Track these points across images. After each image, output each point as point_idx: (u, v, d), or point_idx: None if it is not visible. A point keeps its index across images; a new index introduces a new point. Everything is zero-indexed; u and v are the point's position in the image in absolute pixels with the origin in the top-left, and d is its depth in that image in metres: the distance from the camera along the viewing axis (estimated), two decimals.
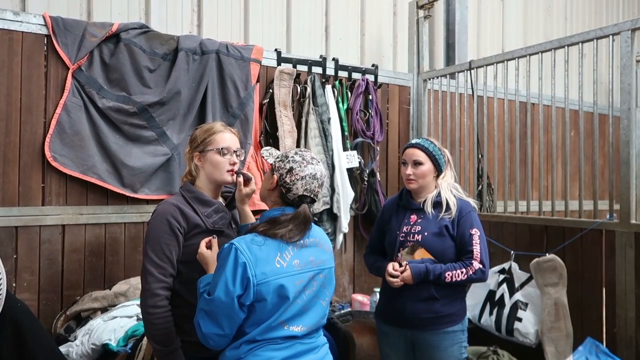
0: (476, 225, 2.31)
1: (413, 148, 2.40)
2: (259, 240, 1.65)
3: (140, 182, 2.91)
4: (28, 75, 2.68)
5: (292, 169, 1.74)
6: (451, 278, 2.24)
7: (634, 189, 2.72)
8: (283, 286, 1.63)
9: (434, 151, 2.38)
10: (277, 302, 1.63)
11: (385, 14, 4.57)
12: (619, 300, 2.69)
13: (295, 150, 1.82)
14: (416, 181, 2.37)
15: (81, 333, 2.52)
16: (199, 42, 3.10)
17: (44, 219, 2.69)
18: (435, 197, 2.37)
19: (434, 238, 2.31)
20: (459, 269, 2.25)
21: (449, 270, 2.25)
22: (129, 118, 2.85)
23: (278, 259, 1.66)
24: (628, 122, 2.73)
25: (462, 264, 2.26)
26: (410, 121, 4.08)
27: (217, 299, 1.58)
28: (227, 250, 1.64)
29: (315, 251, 1.77)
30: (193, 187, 1.97)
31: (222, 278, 1.60)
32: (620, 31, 2.76)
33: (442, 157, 2.40)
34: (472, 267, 2.25)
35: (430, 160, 2.37)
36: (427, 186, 2.40)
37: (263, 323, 1.63)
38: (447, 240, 2.31)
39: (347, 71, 3.71)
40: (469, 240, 2.28)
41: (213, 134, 1.98)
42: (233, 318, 1.61)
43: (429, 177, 2.38)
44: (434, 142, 2.43)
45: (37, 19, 2.70)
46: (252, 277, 1.60)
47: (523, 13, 5.55)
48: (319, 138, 3.43)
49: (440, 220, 2.33)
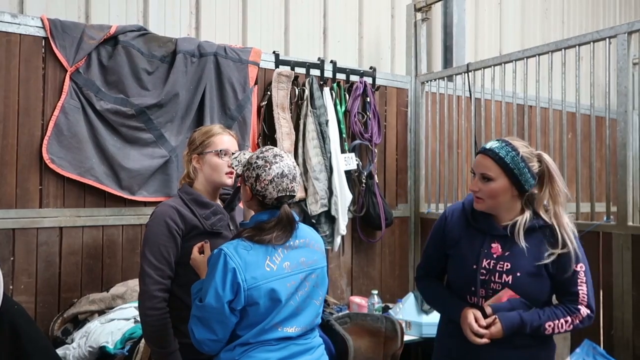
0: (582, 258, 1.76)
1: (482, 155, 1.77)
2: (247, 245, 1.65)
3: (138, 185, 2.90)
4: (26, 78, 2.68)
5: (259, 176, 1.68)
6: (553, 329, 1.73)
7: (631, 191, 2.73)
8: (274, 289, 1.63)
9: (512, 162, 1.72)
10: (269, 305, 1.63)
11: (383, 16, 4.58)
12: (616, 302, 2.69)
13: (256, 154, 1.74)
14: (484, 201, 1.77)
15: (78, 335, 2.52)
16: (197, 44, 3.10)
17: (42, 221, 2.69)
18: (530, 222, 1.75)
19: (529, 280, 1.74)
20: (563, 318, 1.73)
21: (550, 320, 1.72)
22: (127, 120, 2.85)
23: (268, 263, 1.65)
24: (625, 125, 2.74)
25: (566, 310, 1.74)
26: (408, 123, 4.09)
27: (208, 305, 1.59)
28: (216, 256, 1.63)
29: (306, 252, 1.76)
30: (191, 189, 1.97)
31: (212, 284, 1.59)
32: (617, 34, 2.77)
33: (525, 171, 1.72)
34: (579, 316, 1.74)
35: (504, 175, 1.73)
36: (505, 208, 1.78)
37: (256, 326, 1.63)
38: (545, 282, 1.76)
39: (345, 73, 3.71)
40: (573, 279, 1.74)
41: (212, 136, 1.98)
42: (225, 323, 1.61)
43: (502, 197, 1.75)
44: (517, 145, 1.75)
45: (35, 21, 2.70)
46: (242, 282, 1.59)
47: (520, 16, 5.56)
48: (317, 140, 3.43)
49: (538, 254, 1.74)
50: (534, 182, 1.76)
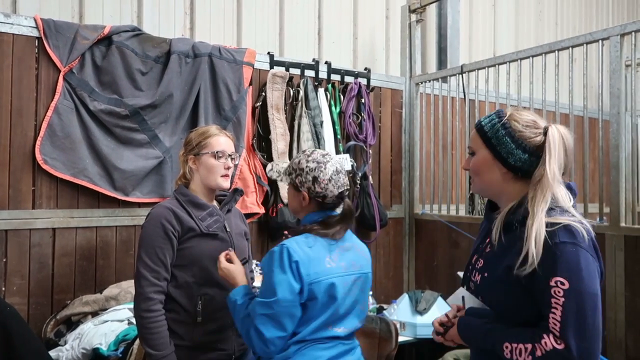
0: (563, 270, 1.27)
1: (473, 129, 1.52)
2: (310, 242, 1.69)
3: (132, 186, 2.89)
4: (19, 78, 2.66)
5: (317, 178, 1.74)
6: (510, 354, 1.31)
7: (624, 192, 2.75)
8: (333, 285, 1.67)
9: (490, 130, 1.43)
10: (326, 302, 1.67)
11: (377, 17, 4.59)
12: (609, 303, 2.70)
13: (302, 159, 1.79)
14: (474, 180, 1.52)
15: (71, 337, 2.50)
16: (192, 45, 3.09)
17: (34, 222, 2.67)
18: (510, 213, 1.40)
19: (494, 284, 1.40)
20: (523, 343, 1.30)
21: (509, 341, 1.32)
22: (121, 121, 2.84)
23: (328, 260, 1.70)
24: (617, 126, 2.76)
25: (530, 336, 1.30)
26: (403, 124, 4.09)
27: (283, 299, 1.61)
28: (278, 252, 1.66)
29: (355, 255, 1.81)
30: (187, 190, 1.97)
31: (282, 278, 1.62)
32: (610, 36, 2.79)
33: (505, 140, 1.40)
34: (541, 346, 1.27)
35: (485, 146, 1.44)
36: (498, 191, 1.46)
37: (312, 322, 1.67)
38: (511, 292, 1.35)
39: (340, 74, 3.72)
40: (546, 299, 1.28)
41: (208, 137, 1.98)
42: (296, 316, 1.65)
43: (487, 174, 1.45)
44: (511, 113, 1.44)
45: (28, 21, 2.69)
46: (306, 275, 1.64)
47: (514, 18, 5.59)
48: (311, 141, 3.43)
49: (510, 255, 1.35)
50: (529, 157, 1.39)
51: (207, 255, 1.90)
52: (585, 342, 1.25)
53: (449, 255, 3.68)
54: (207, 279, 1.90)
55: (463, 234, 3.47)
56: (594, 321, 1.26)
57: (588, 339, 1.25)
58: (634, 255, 2.62)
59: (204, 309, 1.88)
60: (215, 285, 1.91)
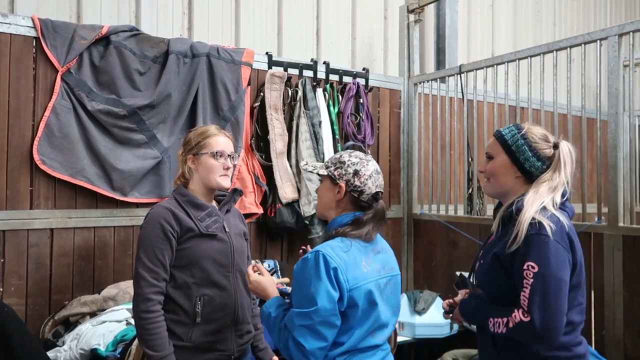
0: (534, 257, 1.52)
1: (492, 137, 1.79)
2: (344, 246, 1.62)
3: (130, 186, 2.89)
4: (16, 78, 2.65)
5: (358, 172, 1.70)
6: (493, 327, 1.59)
7: (622, 192, 2.75)
8: (371, 291, 1.62)
9: (511, 139, 1.69)
10: (366, 309, 1.62)
11: (376, 18, 4.59)
12: (607, 302, 2.71)
13: (341, 154, 1.77)
14: (489, 181, 1.76)
15: (69, 338, 2.49)
16: (190, 45, 3.09)
17: (32, 222, 2.66)
18: (507, 209, 1.66)
19: (486, 269, 1.68)
20: (501, 317, 1.58)
21: (492, 316, 1.61)
22: (119, 121, 2.83)
23: (364, 264, 1.64)
24: (615, 126, 2.76)
25: (507, 311, 1.57)
26: (401, 125, 4.10)
27: (322, 309, 1.54)
28: (313, 259, 1.59)
29: (385, 257, 1.77)
30: (186, 190, 1.96)
31: (320, 286, 1.55)
32: (608, 36, 2.79)
33: (524, 149, 1.67)
34: (512, 319, 1.53)
35: (504, 152, 1.70)
36: (508, 191, 1.72)
37: (354, 331, 1.61)
38: (497, 275, 1.63)
39: (338, 75, 3.72)
40: (519, 280, 1.55)
41: (208, 137, 1.97)
42: (336, 326, 1.57)
43: (503, 177, 1.70)
44: (528, 127, 1.71)
45: (26, 21, 2.68)
46: (345, 282, 1.57)
47: (513, 18, 5.60)
48: (310, 141, 3.43)
49: (500, 244, 1.63)
50: (541, 165, 1.66)
51: (206, 255, 1.89)
52: (547, 316, 1.49)
53: (447, 255, 3.69)
54: (206, 280, 1.89)
55: (461, 234, 3.47)
56: (557, 300, 1.51)
57: (549, 314, 1.49)
58: (632, 255, 2.63)
59: (203, 309, 1.88)
60: (214, 286, 1.90)
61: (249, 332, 2.04)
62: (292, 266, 3.68)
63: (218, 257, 1.92)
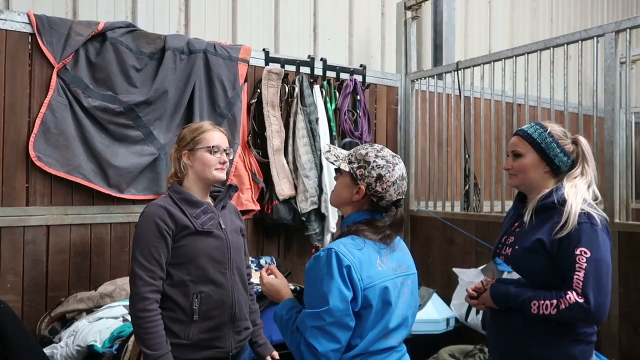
0: (586, 243, 1.67)
1: (514, 136, 1.91)
2: (358, 243, 1.56)
3: (127, 182, 2.88)
4: (12, 74, 2.64)
5: (382, 177, 1.59)
6: (537, 309, 1.69)
7: (618, 188, 2.76)
8: (387, 290, 1.55)
9: (539, 137, 1.82)
10: (380, 309, 1.55)
11: (373, 14, 4.58)
12: None
13: (367, 150, 1.64)
14: (516, 176, 1.87)
15: (66, 334, 2.49)
16: (187, 41, 3.08)
17: (28, 219, 2.66)
18: (542, 200, 1.79)
19: (524, 255, 1.78)
20: (549, 300, 1.68)
21: (537, 299, 1.70)
22: (115, 118, 2.82)
23: (379, 262, 1.57)
24: (612, 123, 2.77)
25: (555, 293, 1.68)
26: (398, 121, 4.10)
27: (335, 309, 1.47)
28: (326, 257, 1.52)
29: (401, 255, 1.70)
30: (181, 187, 1.96)
31: (332, 285, 1.48)
32: (605, 33, 2.80)
33: (553, 145, 1.81)
34: (565, 300, 1.65)
35: (533, 149, 1.83)
36: (536, 185, 1.84)
37: (368, 332, 1.55)
38: (539, 259, 1.75)
39: (335, 71, 3.71)
40: (569, 263, 1.67)
41: (203, 132, 1.97)
42: (349, 327, 1.51)
43: (532, 172, 1.83)
44: (548, 125, 1.86)
45: (22, 17, 2.67)
46: (359, 280, 1.50)
47: (510, 14, 5.59)
48: (306, 138, 3.43)
49: (540, 231, 1.76)
50: (567, 160, 1.81)
51: (202, 252, 1.89)
52: (599, 297, 1.64)
53: (444, 252, 3.69)
54: (202, 277, 1.89)
55: (458, 231, 3.48)
56: (607, 282, 1.67)
57: (602, 295, 1.65)
58: (627, 251, 2.64)
59: (200, 306, 1.87)
60: (211, 283, 1.90)
61: (247, 329, 2.04)
62: (289, 263, 3.69)
63: (214, 254, 1.92)
